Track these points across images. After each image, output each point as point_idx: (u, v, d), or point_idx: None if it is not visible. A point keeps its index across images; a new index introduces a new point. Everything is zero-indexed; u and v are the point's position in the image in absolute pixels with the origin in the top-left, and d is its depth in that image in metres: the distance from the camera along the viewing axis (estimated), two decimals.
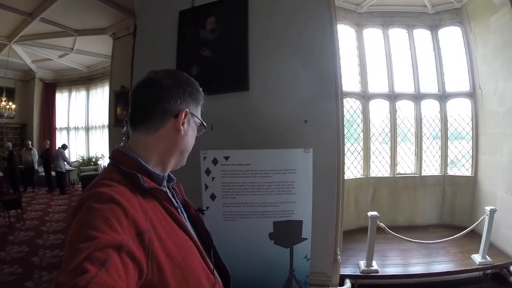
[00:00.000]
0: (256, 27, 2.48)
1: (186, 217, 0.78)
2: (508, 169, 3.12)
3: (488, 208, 2.74)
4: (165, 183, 0.73)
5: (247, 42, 2.44)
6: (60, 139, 8.84)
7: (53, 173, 7.21)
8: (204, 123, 0.80)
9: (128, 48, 4.35)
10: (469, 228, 2.83)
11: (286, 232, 1.87)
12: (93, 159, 8.29)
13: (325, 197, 2.25)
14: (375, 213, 2.70)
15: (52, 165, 7.20)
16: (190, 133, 0.76)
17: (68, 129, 9.26)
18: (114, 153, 0.71)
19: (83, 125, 9.08)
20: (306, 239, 1.90)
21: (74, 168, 8.00)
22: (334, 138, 2.38)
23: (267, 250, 1.88)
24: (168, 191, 0.75)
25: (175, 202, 0.74)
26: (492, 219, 2.71)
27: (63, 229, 4.29)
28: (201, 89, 0.79)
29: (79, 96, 9.18)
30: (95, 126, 8.82)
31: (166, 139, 0.72)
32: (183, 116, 0.72)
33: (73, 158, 8.71)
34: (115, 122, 5.47)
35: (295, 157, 1.89)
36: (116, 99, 5.49)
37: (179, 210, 0.74)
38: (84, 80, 8.89)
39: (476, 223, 2.83)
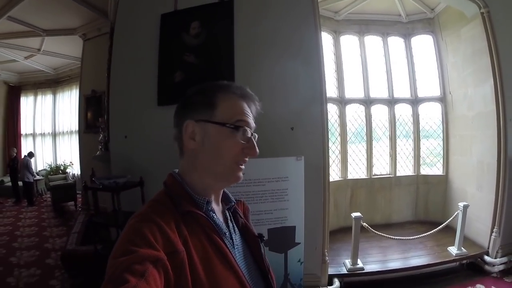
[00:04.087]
0: (242, 32, 2.46)
1: (239, 241, 0.74)
2: (477, 168, 3.33)
3: (461, 204, 2.94)
4: (210, 207, 0.69)
5: (233, 48, 2.42)
6: (25, 146, 8.22)
7: (20, 183, 6.67)
8: (228, 123, 0.67)
9: (100, 50, 4.16)
10: (445, 223, 3.02)
11: (281, 238, 1.91)
12: (62, 167, 7.75)
13: (313, 201, 2.30)
14: (358, 214, 2.78)
15: (19, 175, 6.66)
16: (210, 142, 0.67)
17: (34, 135, 8.63)
18: (167, 177, 0.72)
19: (50, 131, 8.48)
20: (299, 243, 1.94)
21: (41, 177, 7.42)
22: (320, 143, 2.43)
23: None
24: (216, 214, 0.70)
25: (225, 227, 0.71)
26: (465, 214, 2.91)
27: (36, 245, 3.96)
28: (223, 84, 0.72)
29: (45, 100, 8.58)
30: (63, 132, 8.27)
31: (188, 160, 0.71)
32: (187, 129, 0.68)
33: (40, 167, 8.11)
34: (85, 128, 5.22)
35: (288, 165, 1.94)
36: (87, 104, 5.22)
37: (227, 233, 0.71)
38: (50, 83, 8.35)
39: (451, 218, 3.02)
